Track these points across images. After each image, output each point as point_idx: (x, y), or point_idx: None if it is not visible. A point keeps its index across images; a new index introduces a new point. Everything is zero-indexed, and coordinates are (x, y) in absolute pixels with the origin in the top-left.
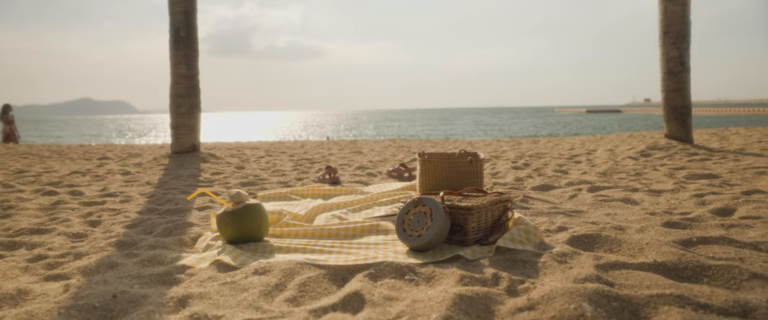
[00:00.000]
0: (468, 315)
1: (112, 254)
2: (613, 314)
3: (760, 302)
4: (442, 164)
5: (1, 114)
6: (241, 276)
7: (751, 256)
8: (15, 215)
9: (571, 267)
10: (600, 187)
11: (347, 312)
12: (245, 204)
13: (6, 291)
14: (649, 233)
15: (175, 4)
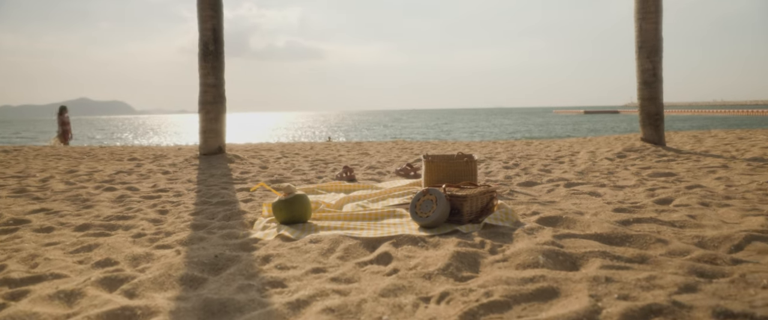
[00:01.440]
0: (462, 264)
1: (194, 232)
2: (558, 263)
3: (657, 255)
4: (443, 164)
5: (58, 115)
6: (301, 243)
7: (666, 230)
8: (96, 206)
9: (535, 236)
10: (575, 183)
11: (381, 264)
12: (294, 195)
13: (136, 253)
14: (600, 216)
15: (204, 21)
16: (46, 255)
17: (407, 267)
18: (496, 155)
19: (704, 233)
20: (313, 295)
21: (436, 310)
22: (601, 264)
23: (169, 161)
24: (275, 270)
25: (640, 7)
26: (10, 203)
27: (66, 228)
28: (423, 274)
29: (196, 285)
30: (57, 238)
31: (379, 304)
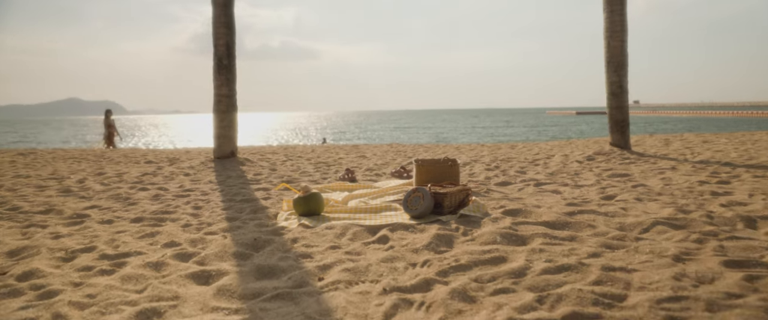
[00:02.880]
0: (440, 242)
1: (230, 223)
2: (511, 241)
3: (583, 235)
4: (431, 167)
5: (104, 118)
6: (319, 230)
7: (598, 219)
8: (139, 203)
9: (497, 223)
10: (543, 183)
11: (381, 244)
12: (311, 193)
13: (191, 238)
14: (552, 209)
15: (219, 38)
16: (121, 239)
17: (400, 244)
18: (480, 157)
19: (626, 220)
20: (334, 262)
21: (420, 271)
22: (542, 241)
23: (186, 164)
24: (303, 247)
25: (608, 26)
26: (63, 201)
27: (123, 221)
28: (411, 249)
29: (245, 257)
30: (120, 228)
31: (380, 267)
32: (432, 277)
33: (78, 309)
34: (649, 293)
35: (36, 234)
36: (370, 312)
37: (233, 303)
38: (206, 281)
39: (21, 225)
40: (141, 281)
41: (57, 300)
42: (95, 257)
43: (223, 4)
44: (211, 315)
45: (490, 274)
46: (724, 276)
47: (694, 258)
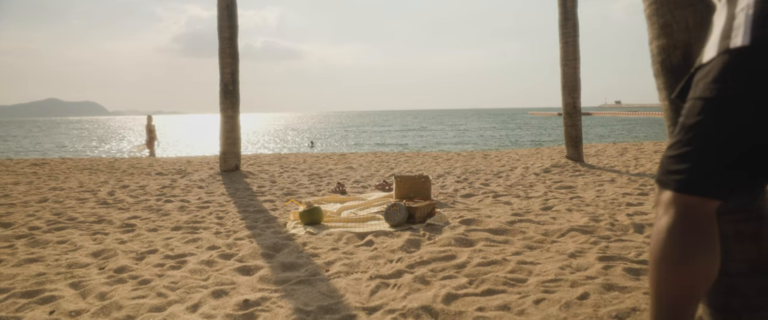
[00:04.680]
0: (411, 245)
1: (251, 231)
2: (462, 243)
3: (515, 239)
4: (408, 182)
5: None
6: (321, 236)
7: (530, 226)
8: (170, 214)
9: (454, 230)
10: (500, 194)
11: (367, 246)
12: (313, 207)
13: (226, 242)
14: (499, 218)
15: (225, 67)
16: (172, 244)
17: (382, 246)
18: (453, 170)
19: (551, 227)
20: (335, 259)
21: (395, 265)
22: (483, 244)
23: (196, 176)
24: (311, 249)
25: (563, 55)
26: (106, 211)
27: (165, 229)
28: (390, 250)
29: (271, 256)
30: (166, 235)
31: (368, 262)
32: (403, 269)
33: (171, 291)
34: (540, 277)
35: (105, 240)
36: (361, 290)
37: (271, 286)
38: (248, 273)
39: (88, 233)
40: (203, 273)
41: (153, 285)
42: (160, 257)
43: (228, 37)
44: (260, 293)
45: (442, 266)
46: (594, 266)
47: (582, 255)
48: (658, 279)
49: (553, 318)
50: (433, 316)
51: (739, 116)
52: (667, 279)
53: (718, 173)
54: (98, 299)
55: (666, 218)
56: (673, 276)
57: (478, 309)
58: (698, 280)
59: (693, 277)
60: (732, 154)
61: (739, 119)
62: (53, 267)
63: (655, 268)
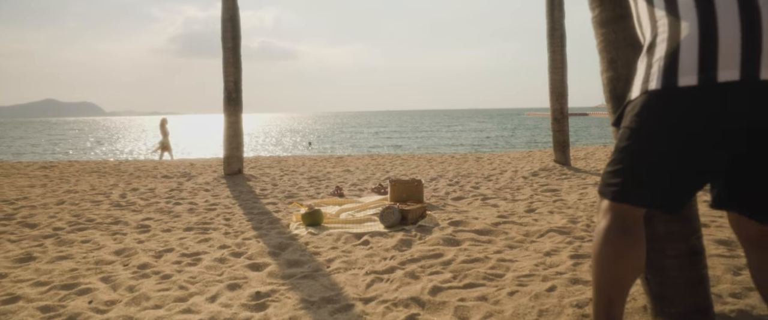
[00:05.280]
0: (403, 244)
1: (257, 231)
2: (449, 243)
3: (498, 239)
4: (402, 185)
5: (160, 126)
6: (322, 236)
7: (513, 227)
8: (181, 216)
9: (443, 231)
10: (489, 197)
11: (363, 245)
12: (314, 209)
13: (236, 242)
14: (486, 220)
15: (228, 76)
16: (186, 243)
17: (377, 246)
18: (446, 173)
19: (532, 229)
20: (335, 257)
21: (388, 262)
22: (468, 243)
23: (201, 179)
24: (313, 248)
25: (551, 63)
26: (121, 213)
27: (178, 230)
28: (384, 249)
29: (277, 255)
30: (179, 235)
31: (364, 260)
32: (395, 265)
33: (190, 284)
34: (516, 273)
35: (124, 239)
36: (358, 284)
37: (279, 280)
38: (258, 268)
39: (107, 233)
40: (217, 269)
41: (174, 279)
42: (177, 255)
43: (231, 47)
44: (269, 286)
45: (430, 263)
46: (565, 263)
47: (557, 253)
48: (596, 271)
49: (522, 307)
50: (420, 306)
51: (655, 142)
52: (603, 271)
53: (643, 186)
54: (128, 291)
55: (604, 222)
56: (608, 268)
57: (459, 299)
58: (627, 271)
59: (623, 269)
60: (652, 171)
61: (655, 145)
62: (82, 263)
63: (595, 262)
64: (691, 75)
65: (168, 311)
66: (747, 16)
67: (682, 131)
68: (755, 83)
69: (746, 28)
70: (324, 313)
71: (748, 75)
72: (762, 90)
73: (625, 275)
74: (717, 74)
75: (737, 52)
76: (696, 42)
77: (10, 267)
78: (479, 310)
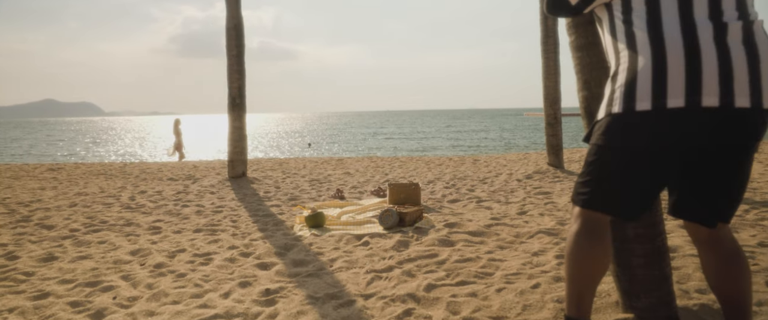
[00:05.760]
0: (401, 245)
1: (263, 233)
2: (444, 244)
3: (489, 240)
4: (400, 188)
5: (174, 127)
6: (325, 237)
7: (505, 229)
8: (190, 218)
9: (438, 232)
10: (483, 199)
11: (364, 246)
12: (317, 212)
13: (244, 243)
14: (479, 222)
15: (233, 82)
16: (197, 244)
17: (376, 246)
18: (443, 176)
19: (522, 230)
20: (337, 257)
21: (387, 261)
22: (462, 244)
23: (206, 182)
24: (316, 248)
25: (545, 69)
26: (132, 215)
27: (188, 231)
28: (383, 249)
29: (283, 255)
30: (190, 236)
31: (364, 259)
32: (393, 265)
33: (204, 282)
34: (505, 271)
35: (138, 240)
36: (359, 281)
37: (286, 279)
38: (266, 267)
39: (121, 234)
40: (228, 268)
41: (189, 278)
42: (190, 255)
43: (236, 55)
44: (278, 283)
45: (425, 263)
46: (551, 262)
47: (544, 253)
48: (568, 268)
49: (508, 302)
50: (415, 301)
51: (617, 158)
52: (574, 268)
53: (608, 196)
54: (147, 288)
55: (575, 226)
56: (578, 266)
57: (451, 295)
58: (595, 269)
59: (591, 267)
60: (616, 183)
61: (618, 160)
62: (102, 263)
63: (567, 261)
64: (646, 101)
65: (186, 306)
66: (691, 53)
67: (639, 149)
68: (697, 108)
69: (690, 64)
70: (328, 308)
71: (692, 102)
72: (704, 115)
73: (593, 272)
74: (666, 102)
75: (682, 84)
76: (650, 74)
77: (36, 266)
78: (469, 305)
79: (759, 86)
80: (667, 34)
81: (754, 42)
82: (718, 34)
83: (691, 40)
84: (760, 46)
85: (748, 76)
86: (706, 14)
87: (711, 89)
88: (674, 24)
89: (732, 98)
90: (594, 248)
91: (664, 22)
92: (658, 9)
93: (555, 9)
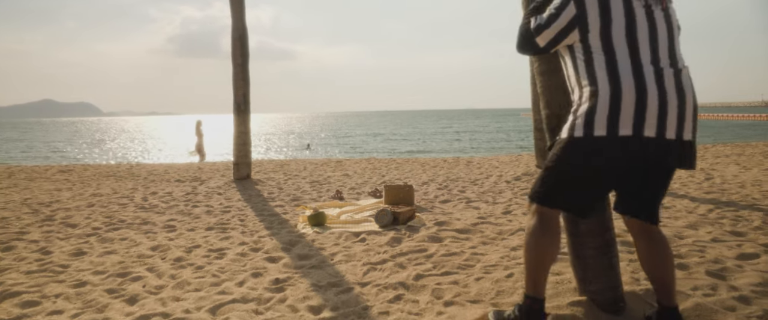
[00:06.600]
0: (394, 241)
1: (270, 230)
2: (433, 240)
3: (474, 237)
4: (395, 190)
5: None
6: (325, 234)
7: (489, 227)
8: (200, 217)
9: (428, 230)
10: (472, 200)
11: (361, 242)
12: (318, 211)
13: (253, 239)
14: (467, 221)
15: (238, 89)
16: (210, 240)
17: (372, 242)
18: (436, 177)
19: (504, 228)
20: (337, 252)
21: (382, 255)
22: (449, 240)
23: (213, 183)
24: (318, 244)
25: (533, 75)
26: (147, 215)
27: (200, 229)
28: (378, 245)
29: (289, 250)
30: (202, 234)
31: (361, 254)
32: (387, 258)
33: (221, 273)
34: (484, 264)
35: (156, 237)
36: (357, 272)
37: (292, 270)
38: (274, 261)
39: (140, 232)
40: (241, 261)
41: (207, 269)
42: (205, 251)
43: (240, 63)
44: (285, 274)
45: (416, 257)
46: None
47: (521, 248)
48: (526, 256)
49: (485, 289)
50: (405, 288)
51: (572, 168)
52: (529, 256)
53: (560, 196)
54: (171, 279)
55: (532, 221)
56: (532, 254)
57: (436, 283)
58: (546, 256)
59: (543, 255)
60: (568, 187)
61: (572, 170)
62: (127, 257)
63: (525, 249)
64: (602, 129)
65: (207, 292)
66: (640, 94)
67: (591, 164)
68: (640, 137)
69: (638, 103)
70: (330, 294)
71: (637, 132)
72: (644, 142)
73: (545, 259)
74: (618, 131)
75: (631, 118)
76: (607, 108)
77: (69, 259)
78: (451, 291)
79: (683, 124)
80: (622, 76)
81: (682, 86)
82: (658, 77)
83: (640, 82)
84: (686, 91)
85: (676, 115)
86: (649, 60)
87: (651, 123)
88: (627, 68)
89: (664, 130)
90: (547, 239)
91: (619, 66)
92: (613, 54)
93: (524, 49)
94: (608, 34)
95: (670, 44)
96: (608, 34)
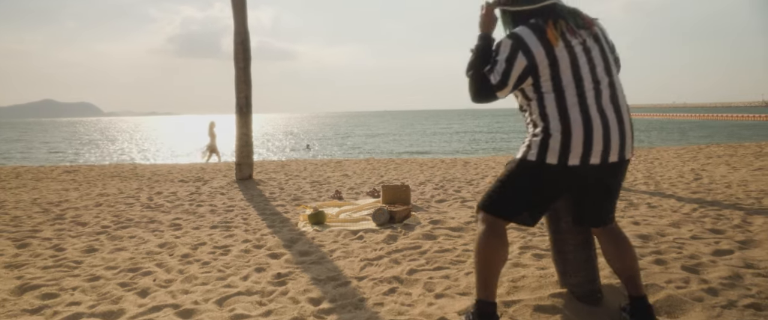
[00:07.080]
0: (390, 239)
1: (272, 228)
2: (427, 238)
3: (467, 235)
4: (392, 190)
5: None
6: (325, 232)
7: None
8: (204, 216)
9: (423, 228)
10: (467, 199)
11: (359, 240)
12: (318, 210)
13: (256, 237)
14: (460, 219)
15: (240, 92)
16: (215, 238)
17: (369, 240)
18: (433, 178)
19: None
20: (336, 248)
21: (378, 252)
22: (442, 238)
23: (216, 183)
24: (318, 242)
25: None
26: (153, 214)
27: (206, 228)
28: (375, 242)
29: (290, 246)
30: (208, 232)
31: (359, 250)
32: (383, 254)
33: (226, 268)
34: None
35: (163, 235)
36: (354, 267)
37: (294, 265)
38: (277, 257)
39: (148, 230)
40: (244, 257)
41: (213, 265)
42: (210, 248)
43: (243, 67)
44: (287, 269)
45: (410, 253)
46: (514, 252)
47: (510, 245)
48: (476, 260)
49: (473, 282)
50: (399, 282)
51: (521, 186)
52: (478, 260)
53: (507, 207)
54: (179, 273)
55: (480, 227)
56: (481, 259)
57: (428, 277)
58: (496, 260)
59: (492, 260)
60: (513, 200)
61: (523, 190)
62: (136, 253)
63: (475, 254)
64: (554, 159)
65: (214, 286)
66: (587, 129)
67: (540, 185)
68: (587, 165)
69: (587, 135)
70: (329, 287)
71: (584, 161)
72: (590, 167)
73: (494, 263)
74: (568, 160)
75: (580, 150)
76: (559, 143)
77: (82, 256)
78: (442, 284)
79: (624, 146)
80: (572, 116)
81: (618, 103)
82: (599, 108)
83: (586, 118)
84: (622, 110)
85: (619, 140)
86: (591, 87)
87: (597, 152)
88: (575, 106)
89: (608, 156)
90: (496, 244)
91: (568, 104)
92: (562, 92)
93: (482, 100)
94: (557, 77)
95: (605, 64)
96: (557, 77)
